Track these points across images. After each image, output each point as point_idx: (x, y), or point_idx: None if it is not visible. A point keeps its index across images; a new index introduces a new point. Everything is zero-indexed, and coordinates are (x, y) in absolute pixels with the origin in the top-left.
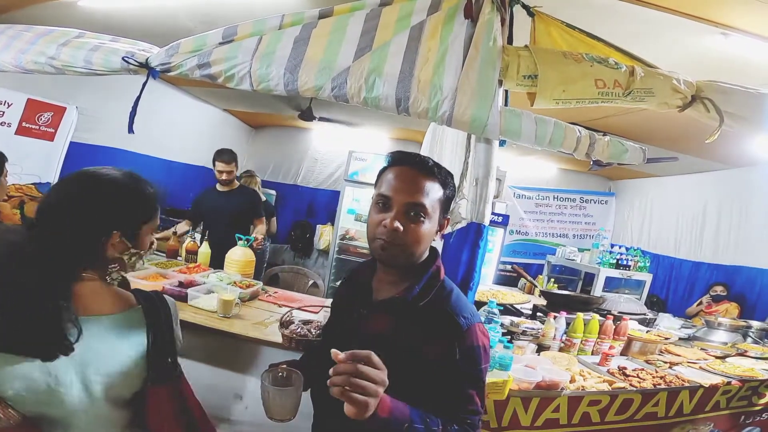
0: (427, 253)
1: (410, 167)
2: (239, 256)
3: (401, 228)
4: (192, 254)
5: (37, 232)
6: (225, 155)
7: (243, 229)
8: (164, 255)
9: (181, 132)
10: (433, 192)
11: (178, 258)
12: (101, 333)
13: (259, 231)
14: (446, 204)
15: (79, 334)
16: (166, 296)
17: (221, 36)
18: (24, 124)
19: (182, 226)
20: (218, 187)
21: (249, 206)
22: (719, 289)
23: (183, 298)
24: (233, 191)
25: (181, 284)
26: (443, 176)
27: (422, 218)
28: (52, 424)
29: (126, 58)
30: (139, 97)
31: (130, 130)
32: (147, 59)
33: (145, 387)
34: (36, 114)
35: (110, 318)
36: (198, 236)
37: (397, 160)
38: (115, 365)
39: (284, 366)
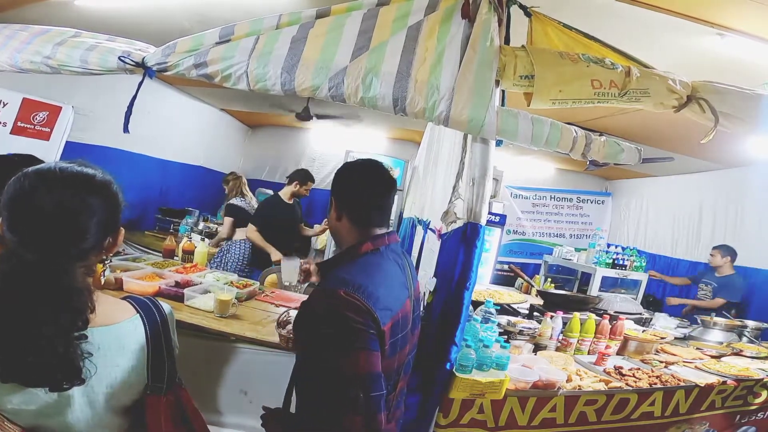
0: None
1: None
2: None
3: None
4: (188, 254)
5: (35, 251)
6: (312, 177)
7: (296, 235)
8: (161, 255)
9: (177, 131)
10: None
11: (175, 258)
12: (102, 344)
13: (311, 230)
14: None
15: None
16: (162, 303)
17: (218, 36)
18: (19, 123)
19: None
20: (286, 200)
21: (301, 216)
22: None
23: (179, 298)
24: (295, 203)
25: (177, 284)
26: None
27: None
28: None
29: (122, 58)
30: (135, 97)
31: (126, 129)
32: (143, 59)
33: (144, 395)
34: (31, 113)
35: (111, 328)
36: (195, 236)
37: None
38: (117, 375)
39: None
